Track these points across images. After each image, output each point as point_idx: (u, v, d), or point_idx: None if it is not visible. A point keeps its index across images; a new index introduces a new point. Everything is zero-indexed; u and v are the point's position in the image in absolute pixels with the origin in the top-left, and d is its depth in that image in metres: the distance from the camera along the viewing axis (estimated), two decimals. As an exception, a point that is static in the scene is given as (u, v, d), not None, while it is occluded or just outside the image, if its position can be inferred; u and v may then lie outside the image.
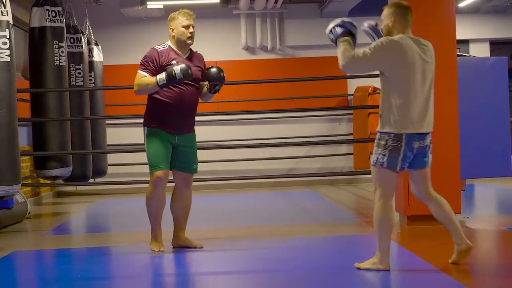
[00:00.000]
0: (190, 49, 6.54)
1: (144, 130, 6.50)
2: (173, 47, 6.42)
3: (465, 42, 13.66)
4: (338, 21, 5.44)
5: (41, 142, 9.19)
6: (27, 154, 10.10)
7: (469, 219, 7.79)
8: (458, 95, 7.47)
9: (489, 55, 13.50)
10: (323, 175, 12.38)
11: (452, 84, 7.44)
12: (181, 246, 6.61)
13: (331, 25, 5.44)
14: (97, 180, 11.35)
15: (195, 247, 6.58)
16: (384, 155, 5.24)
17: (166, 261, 6.26)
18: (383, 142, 5.26)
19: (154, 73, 6.28)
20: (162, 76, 6.19)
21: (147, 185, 6.53)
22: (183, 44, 6.42)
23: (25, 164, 10.63)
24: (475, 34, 13.67)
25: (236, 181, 12.54)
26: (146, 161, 5.85)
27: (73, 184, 10.86)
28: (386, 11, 5.44)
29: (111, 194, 12.42)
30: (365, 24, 5.74)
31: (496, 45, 14.19)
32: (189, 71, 6.20)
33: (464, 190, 7.87)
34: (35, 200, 11.17)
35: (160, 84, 6.21)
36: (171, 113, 6.41)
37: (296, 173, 12.79)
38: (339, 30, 5.38)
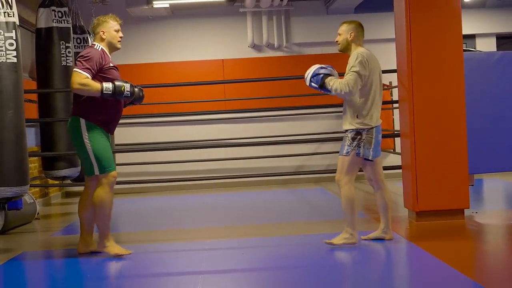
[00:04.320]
0: None
1: (79, 121, 6.20)
2: (106, 50, 6.31)
3: (472, 37, 13.62)
4: (311, 72, 6.37)
5: (49, 142, 9.22)
6: (35, 155, 10.13)
7: (478, 214, 7.77)
8: (465, 90, 7.45)
9: (495, 50, 13.48)
10: (332, 172, 12.34)
11: (459, 79, 7.42)
12: (93, 252, 6.44)
13: (308, 80, 6.37)
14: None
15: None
16: (359, 146, 6.15)
17: (174, 259, 6.26)
18: (358, 136, 6.15)
19: (94, 74, 6.13)
20: (108, 86, 6.09)
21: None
22: (113, 48, 6.37)
23: (34, 165, 10.65)
24: (481, 28, 13.64)
25: (244, 179, 12.56)
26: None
27: (81, 184, 10.83)
28: (345, 27, 6.37)
29: (119, 193, 12.41)
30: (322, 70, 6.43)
31: (503, 40, 14.15)
32: (137, 91, 6.27)
33: (472, 185, 7.84)
34: (44, 200, 11.19)
35: (104, 93, 6.08)
36: (111, 113, 6.31)
37: (304, 170, 12.80)
38: (318, 78, 6.32)
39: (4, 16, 6.75)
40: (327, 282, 5.16)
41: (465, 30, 8.19)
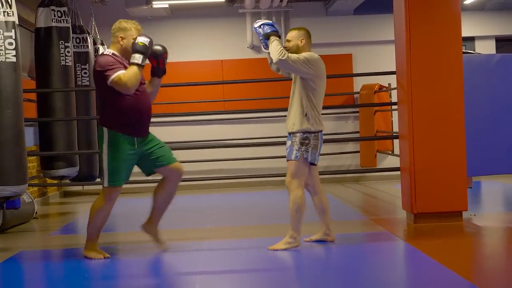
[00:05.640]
0: None
1: (103, 131, 6.19)
2: (117, 54, 6.25)
3: (471, 39, 13.62)
4: (267, 21, 6.54)
5: (48, 142, 9.21)
6: (34, 154, 10.13)
7: (476, 217, 7.77)
8: (464, 92, 7.45)
9: (495, 52, 13.47)
10: (330, 173, 12.38)
11: (458, 81, 7.43)
12: (148, 234, 6.63)
13: (260, 22, 6.52)
14: (104, 179, 11.34)
15: (159, 244, 6.62)
16: (307, 151, 6.24)
17: (173, 259, 6.26)
18: (306, 141, 6.24)
19: (124, 68, 6.11)
20: (135, 55, 6.10)
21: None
22: (128, 54, 6.23)
23: (32, 164, 10.65)
24: (480, 31, 13.64)
25: (243, 180, 12.55)
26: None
27: (80, 184, 10.87)
28: (295, 33, 6.43)
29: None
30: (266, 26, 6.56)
31: (502, 42, 14.15)
32: (150, 38, 6.22)
33: (470, 188, 7.85)
34: (42, 200, 11.19)
35: (142, 63, 6.10)
36: (133, 114, 6.22)
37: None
38: (269, 28, 6.44)
39: (4, 16, 6.75)
40: (326, 283, 5.16)
41: (465, 33, 8.19)
